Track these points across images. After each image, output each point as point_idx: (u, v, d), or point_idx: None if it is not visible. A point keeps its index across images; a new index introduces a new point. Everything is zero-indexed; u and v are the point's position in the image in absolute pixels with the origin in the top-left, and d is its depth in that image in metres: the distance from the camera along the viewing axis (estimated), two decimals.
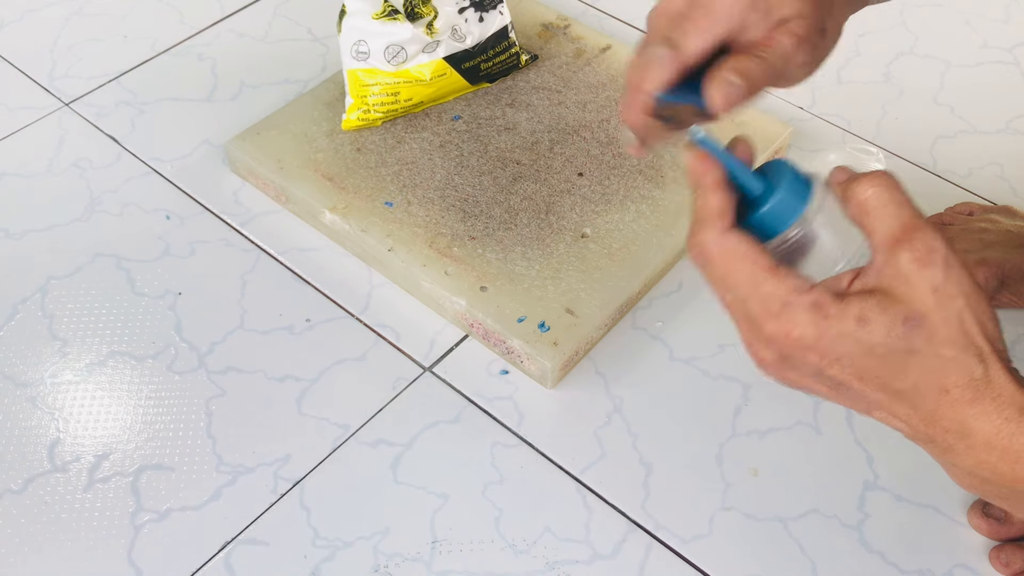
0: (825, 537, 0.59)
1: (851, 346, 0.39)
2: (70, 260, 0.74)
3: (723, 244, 0.41)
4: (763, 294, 0.40)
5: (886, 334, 0.38)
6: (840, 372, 0.40)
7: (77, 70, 0.89)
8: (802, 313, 0.39)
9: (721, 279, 0.42)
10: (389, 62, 0.76)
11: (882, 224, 0.39)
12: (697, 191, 0.42)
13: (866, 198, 0.40)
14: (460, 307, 0.68)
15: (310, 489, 0.61)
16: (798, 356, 0.40)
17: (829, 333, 0.39)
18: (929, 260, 0.38)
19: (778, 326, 0.39)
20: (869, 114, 0.85)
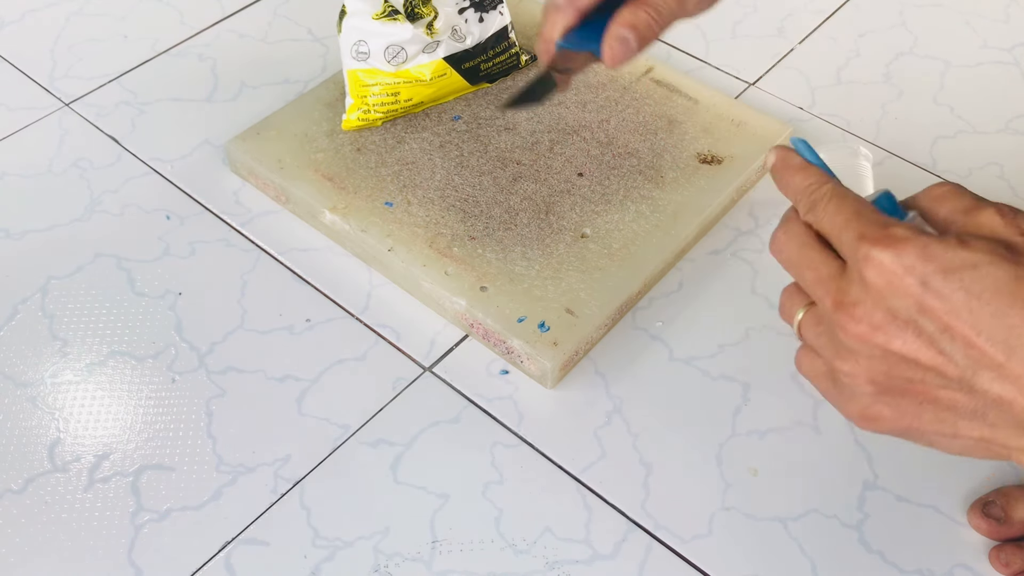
0: (825, 537, 0.59)
1: (956, 262, 0.36)
2: (70, 260, 0.74)
3: (837, 189, 0.41)
4: (866, 220, 0.39)
5: (991, 251, 0.36)
6: (944, 303, 0.36)
7: (77, 70, 0.89)
8: (903, 230, 0.37)
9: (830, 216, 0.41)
10: (389, 62, 0.76)
11: (959, 201, 0.40)
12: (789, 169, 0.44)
13: (942, 192, 0.41)
14: (460, 307, 0.68)
15: (310, 489, 0.61)
16: (897, 283, 0.37)
17: (931, 249, 0.36)
18: (1013, 215, 0.38)
19: (875, 241, 0.37)
20: (869, 114, 0.85)
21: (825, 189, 0.41)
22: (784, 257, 0.43)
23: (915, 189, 0.43)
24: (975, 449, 0.40)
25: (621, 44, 0.48)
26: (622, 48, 0.48)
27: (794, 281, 0.43)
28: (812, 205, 0.42)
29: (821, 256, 0.41)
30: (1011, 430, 0.38)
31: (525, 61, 0.83)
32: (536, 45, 0.53)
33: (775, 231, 0.44)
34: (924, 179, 0.80)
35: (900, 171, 0.81)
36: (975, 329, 0.36)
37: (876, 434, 0.64)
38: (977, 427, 0.39)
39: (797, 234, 0.42)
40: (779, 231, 0.43)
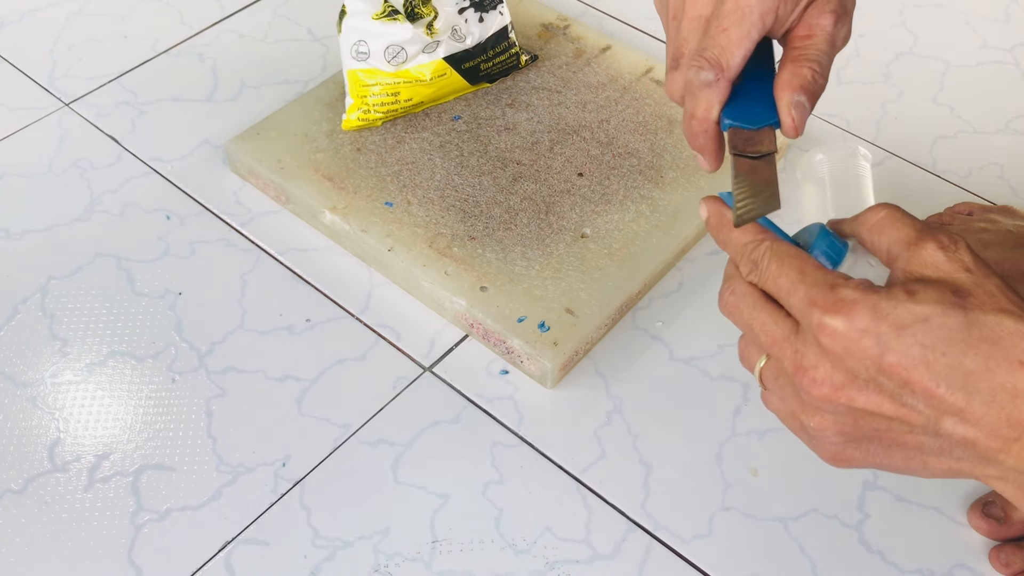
0: (825, 537, 0.59)
1: (907, 318, 0.36)
2: (70, 260, 0.74)
3: (776, 247, 0.41)
4: (811, 282, 0.39)
5: (939, 301, 0.36)
6: (902, 357, 0.36)
7: (77, 70, 0.89)
8: (851, 291, 0.37)
9: (773, 278, 0.41)
10: (389, 62, 0.76)
11: (898, 232, 0.39)
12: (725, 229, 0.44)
13: (878, 219, 0.40)
14: (460, 307, 0.68)
15: (310, 489, 0.61)
16: (854, 347, 0.37)
17: (881, 307, 0.37)
18: (955, 247, 0.38)
19: (827, 307, 0.37)
20: (869, 114, 0.85)
21: (764, 248, 0.41)
22: (736, 319, 0.43)
23: (915, 189, 0.43)
24: (946, 475, 0.41)
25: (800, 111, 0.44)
26: (802, 115, 0.44)
27: None
28: (753, 265, 0.42)
29: (772, 318, 0.41)
30: (976, 462, 0.39)
31: (525, 61, 0.83)
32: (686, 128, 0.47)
33: (721, 290, 0.44)
34: (924, 179, 0.80)
35: (900, 171, 0.81)
36: (934, 381, 0.37)
37: None
38: (945, 461, 0.40)
39: (743, 295, 0.43)
40: (725, 291, 0.44)
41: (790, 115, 0.44)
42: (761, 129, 0.45)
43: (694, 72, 0.44)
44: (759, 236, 0.42)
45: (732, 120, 0.45)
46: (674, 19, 0.47)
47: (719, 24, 0.44)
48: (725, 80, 0.44)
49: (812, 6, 0.45)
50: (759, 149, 0.45)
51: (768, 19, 0.44)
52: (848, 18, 0.46)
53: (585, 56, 0.84)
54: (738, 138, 0.45)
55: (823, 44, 0.45)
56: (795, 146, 0.82)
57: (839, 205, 0.71)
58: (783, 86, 0.44)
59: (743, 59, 0.44)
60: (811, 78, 0.44)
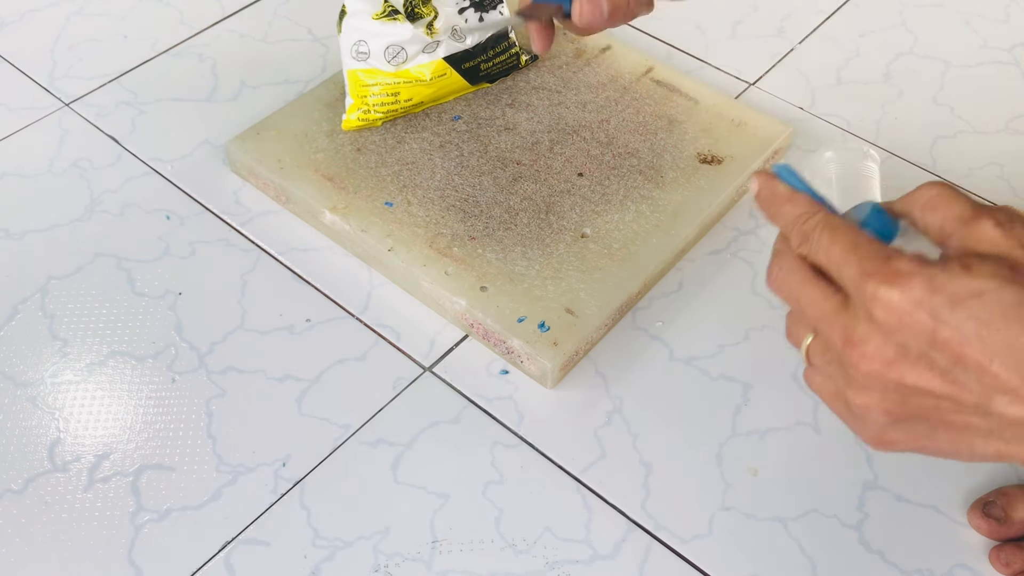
0: (825, 537, 0.59)
1: (963, 292, 0.35)
2: (70, 260, 0.74)
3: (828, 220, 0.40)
4: (864, 254, 0.38)
5: (995, 275, 0.35)
6: (956, 333, 0.35)
7: (77, 70, 0.89)
8: (907, 263, 0.37)
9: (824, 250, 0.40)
10: (389, 62, 0.76)
11: (952, 210, 0.38)
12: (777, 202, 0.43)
13: (931, 196, 0.39)
14: (460, 307, 0.68)
15: (310, 489, 0.61)
16: (908, 320, 0.36)
17: (937, 280, 0.36)
18: (1011, 224, 0.37)
19: (880, 279, 0.37)
20: (869, 114, 0.85)
21: (816, 220, 0.41)
22: (784, 294, 0.42)
23: None
24: (993, 459, 0.40)
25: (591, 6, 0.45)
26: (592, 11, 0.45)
27: None
28: (804, 237, 0.41)
29: (822, 292, 0.40)
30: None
31: (525, 61, 0.83)
32: None
33: (769, 266, 0.43)
34: (924, 179, 0.80)
35: (900, 171, 0.81)
36: (988, 357, 0.36)
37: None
38: (993, 444, 0.39)
39: (792, 269, 0.42)
40: (773, 266, 0.43)
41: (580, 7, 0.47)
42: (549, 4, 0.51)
43: None
44: (812, 208, 0.41)
45: None
46: None
47: None
48: None
49: None
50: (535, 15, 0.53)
51: None
52: None
53: (585, 56, 0.84)
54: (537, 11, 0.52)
55: None
56: (799, 147, 0.82)
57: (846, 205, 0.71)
58: None
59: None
60: None
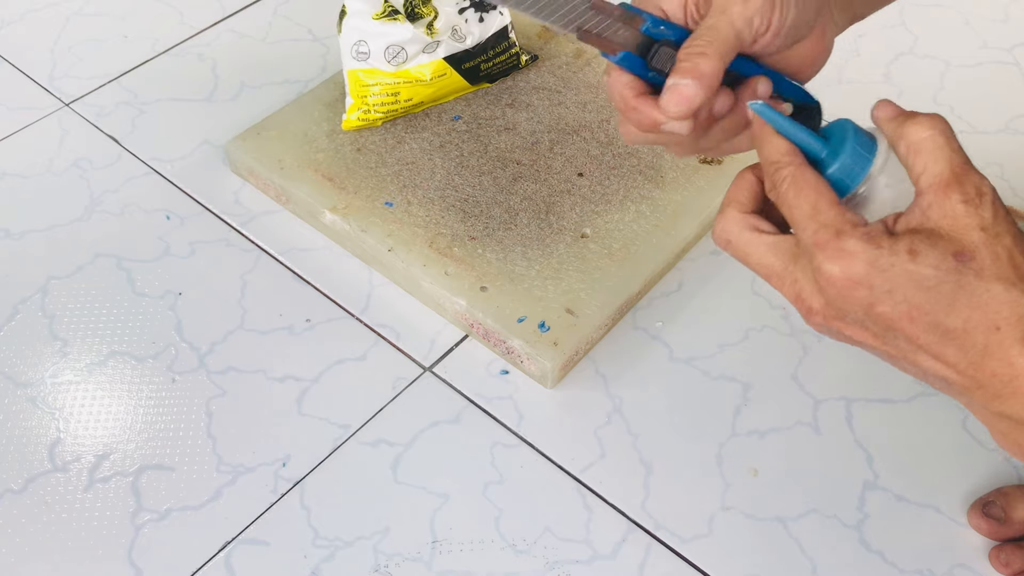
0: (825, 537, 0.59)
1: (902, 278, 0.38)
2: (70, 260, 0.74)
3: (798, 174, 0.42)
4: (821, 221, 0.40)
5: (936, 266, 0.38)
6: (890, 309, 0.39)
7: (77, 70, 0.89)
8: (855, 242, 0.39)
9: (787, 204, 0.42)
10: (389, 62, 0.76)
11: (934, 165, 0.40)
12: (763, 137, 0.44)
13: (920, 139, 0.40)
14: (460, 307, 0.68)
15: (310, 489, 0.61)
16: (847, 294, 0.39)
17: (880, 263, 0.38)
18: (979, 201, 0.39)
19: (828, 255, 0.39)
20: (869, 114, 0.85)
21: (785, 173, 0.42)
22: (730, 251, 0.44)
23: None
24: None
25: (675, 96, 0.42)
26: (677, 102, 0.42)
27: None
28: (773, 185, 0.43)
29: (769, 250, 0.43)
30: (952, 393, 0.42)
31: (525, 61, 0.83)
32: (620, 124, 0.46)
33: (715, 220, 0.45)
34: None
35: None
36: (914, 330, 0.39)
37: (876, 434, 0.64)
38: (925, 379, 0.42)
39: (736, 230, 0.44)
40: (717, 222, 0.45)
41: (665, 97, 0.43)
42: None
43: None
44: (787, 157, 0.43)
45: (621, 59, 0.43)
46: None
47: None
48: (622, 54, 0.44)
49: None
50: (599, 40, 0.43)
51: None
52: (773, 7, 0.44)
53: (585, 56, 0.84)
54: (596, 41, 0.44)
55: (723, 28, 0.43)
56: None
57: None
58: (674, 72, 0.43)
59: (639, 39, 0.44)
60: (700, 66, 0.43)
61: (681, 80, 0.42)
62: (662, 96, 0.43)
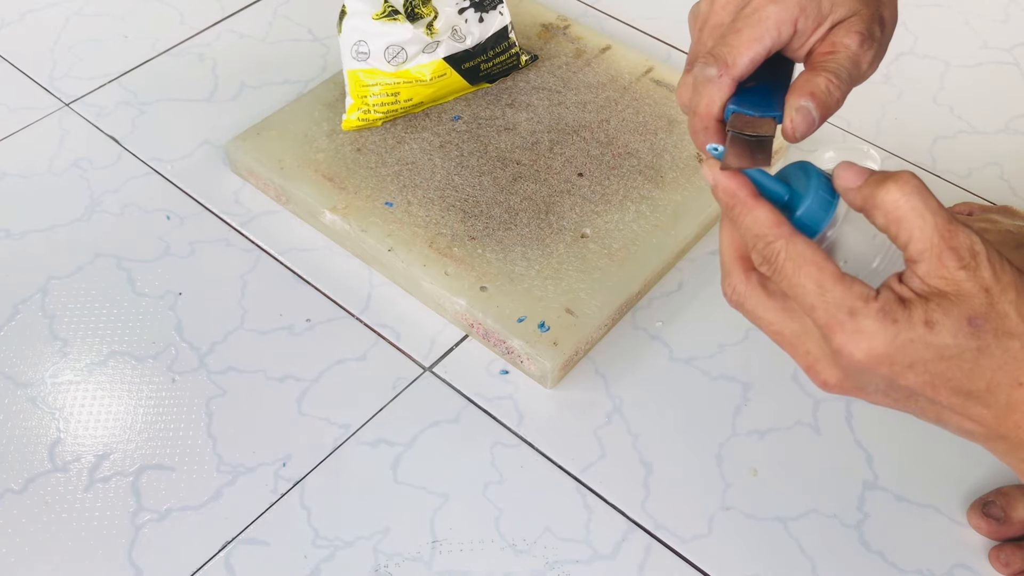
0: (825, 537, 0.59)
1: (922, 351, 0.38)
2: (70, 260, 0.74)
3: (791, 249, 0.40)
4: (830, 301, 0.39)
5: (955, 334, 0.38)
6: (913, 380, 0.39)
7: (77, 70, 0.89)
8: (871, 321, 0.38)
9: (787, 281, 0.40)
10: (389, 62, 0.76)
11: (921, 233, 0.38)
12: (737, 208, 0.42)
13: (898, 207, 0.39)
14: (460, 307, 0.68)
15: (310, 489, 0.61)
16: (868, 370, 0.39)
17: (899, 339, 0.38)
18: (975, 263, 0.38)
19: (846, 338, 0.38)
20: (869, 114, 0.85)
21: (778, 247, 0.40)
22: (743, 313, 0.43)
23: None
24: None
25: (803, 116, 0.43)
26: (804, 120, 0.43)
27: None
28: (766, 260, 0.41)
29: (778, 317, 0.42)
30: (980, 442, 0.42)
31: (525, 61, 0.83)
32: (690, 126, 0.46)
33: (722, 285, 0.44)
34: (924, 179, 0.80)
35: None
36: (939, 395, 0.39)
37: (876, 434, 0.64)
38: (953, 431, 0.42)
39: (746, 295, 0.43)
40: (726, 288, 0.43)
41: (791, 117, 0.43)
42: (762, 117, 0.44)
43: (700, 68, 0.44)
44: (775, 230, 0.41)
45: (735, 107, 0.44)
46: (699, 29, 0.47)
47: (734, 26, 0.44)
48: (729, 77, 0.44)
49: (838, 27, 0.44)
50: (758, 132, 0.43)
51: (785, 29, 0.44)
52: (875, 44, 0.45)
53: (585, 56, 0.84)
54: (738, 122, 0.44)
55: (844, 60, 0.44)
56: (800, 147, 0.82)
57: None
58: (795, 90, 0.44)
59: (751, 61, 0.44)
60: (824, 87, 0.43)
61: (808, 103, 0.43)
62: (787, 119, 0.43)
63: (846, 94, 0.44)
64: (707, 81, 0.44)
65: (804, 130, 0.43)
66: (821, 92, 0.43)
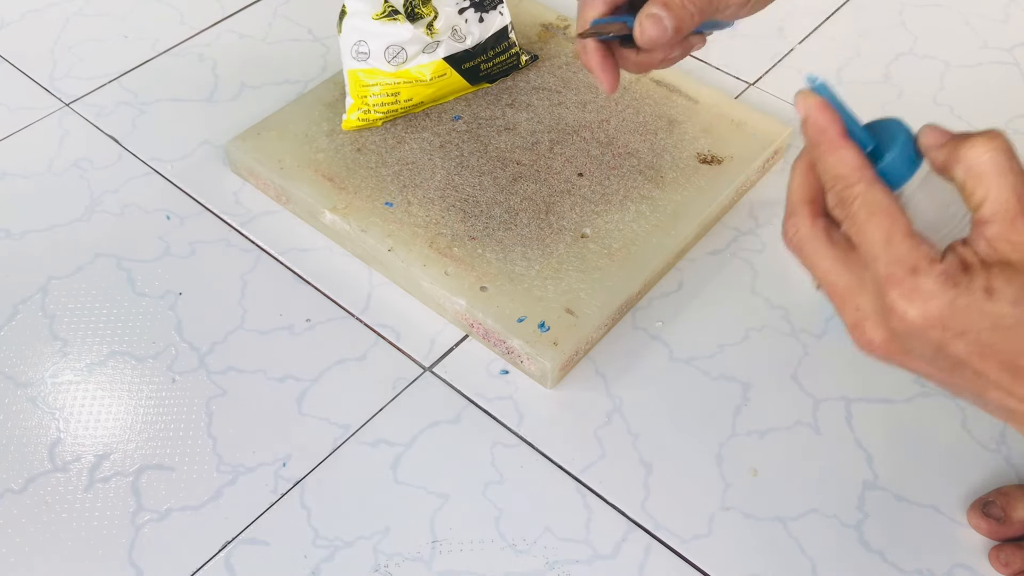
0: (825, 537, 0.59)
1: (977, 319, 0.37)
2: (70, 260, 0.74)
3: (870, 195, 0.39)
4: (895, 254, 0.38)
5: (1014, 304, 0.36)
6: (963, 349, 0.37)
7: (77, 70, 0.89)
8: (931, 281, 0.37)
9: (858, 228, 0.39)
10: (389, 62, 0.76)
11: (999, 192, 0.37)
12: (824, 146, 0.41)
13: (981, 162, 0.38)
14: (460, 307, 0.68)
15: (310, 489, 0.61)
16: (918, 333, 0.38)
17: (956, 304, 0.37)
18: None
19: (903, 294, 0.37)
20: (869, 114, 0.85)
21: (858, 191, 0.39)
22: (799, 257, 0.42)
23: None
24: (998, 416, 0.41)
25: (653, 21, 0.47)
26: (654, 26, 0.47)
27: None
28: (841, 203, 0.40)
29: (835, 267, 0.41)
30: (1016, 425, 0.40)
31: (525, 61, 0.83)
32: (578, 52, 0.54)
33: (785, 224, 0.42)
34: None
35: None
36: (987, 367, 0.38)
37: (876, 434, 0.64)
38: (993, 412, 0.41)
39: (807, 238, 0.41)
40: (788, 227, 0.42)
41: (641, 22, 0.47)
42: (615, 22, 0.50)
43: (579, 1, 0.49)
44: (858, 173, 0.40)
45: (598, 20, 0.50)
46: None
47: None
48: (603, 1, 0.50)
49: None
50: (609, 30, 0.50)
51: None
52: None
53: None
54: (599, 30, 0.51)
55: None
56: (799, 147, 0.82)
57: None
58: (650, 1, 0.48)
59: None
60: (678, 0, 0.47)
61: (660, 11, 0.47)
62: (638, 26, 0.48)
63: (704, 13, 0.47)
64: (584, 5, 0.50)
65: (653, 35, 0.47)
66: (675, 3, 0.47)
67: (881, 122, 0.43)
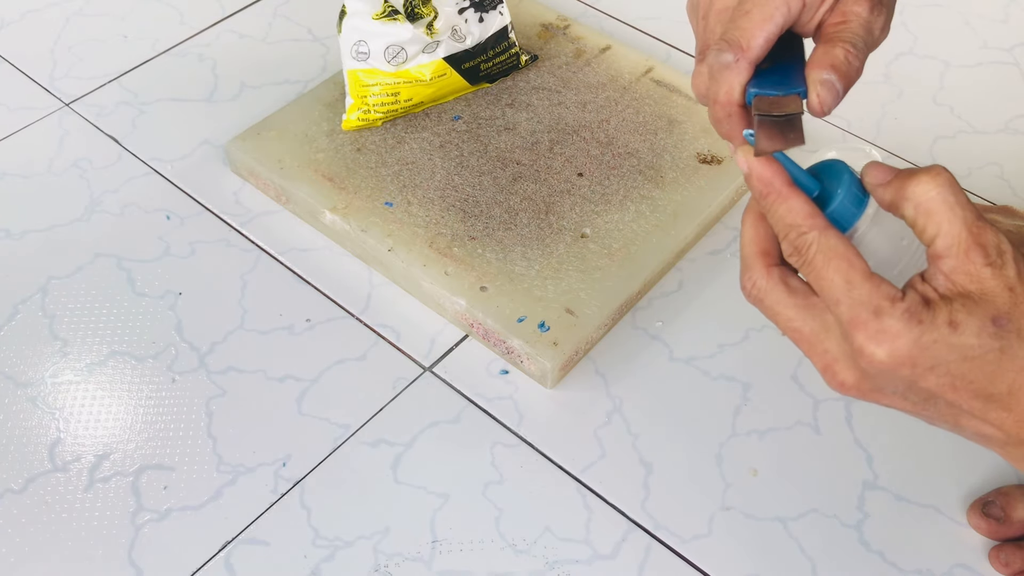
0: (825, 537, 0.59)
1: (945, 352, 0.37)
2: (70, 260, 0.74)
3: (824, 241, 0.39)
4: (856, 298, 0.38)
5: (978, 335, 0.37)
6: (934, 382, 0.38)
7: (77, 70, 0.89)
8: (895, 321, 0.37)
9: (816, 274, 0.39)
10: (389, 62, 0.76)
11: (950, 227, 0.38)
12: (771, 197, 0.41)
13: (930, 199, 0.39)
14: (460, 307, 0.68)
15: (310, 489, 0.61)
16: (889, 372, 0.38)
17: (923, 340, 0.37)
18: (1001, 261, 0.38)
19: (869, 336, 0.38)
20: (869, 114, 0.85)
21: (810, 239, 0.40)
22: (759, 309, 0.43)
23: None
24: None
25: (827, 88, 0.42)
26: (829, 93, 0.42)
27: None
28: (796, 251, 0.41)
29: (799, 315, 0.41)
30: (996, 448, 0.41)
31: (525, 61, 0.83)
32: (711, 116, 0.45)
33: (741, 279, 0.43)
34: None
35: None
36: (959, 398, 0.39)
37: (876, 434, 0.64)
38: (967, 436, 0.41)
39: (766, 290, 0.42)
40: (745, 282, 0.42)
41: (816, 91, 0.42)
42: (787, 95, 0.43)
43: (714, 55, 0.43)
44: (809, 220, 0.40)
45: (757, 89, 0.43)
46: (703, 17, 0.46)
47: (742, 8, 0.43)
48: (745, 61, 0.43)
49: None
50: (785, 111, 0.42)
51: (794, 5, 0.43)
52: (884, 8, 0.44)
53: (585, 56, 0.84)
54: (764, 104, 0.43)
55: (858, 28, 0.43)
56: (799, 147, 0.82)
57: None
58: (814, 64, 0.43)
59: (765, 41, 0.43)
60: (843, 58, 0.42)
61: None
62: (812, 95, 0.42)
63: (864, 62, 0.43)
64: (724, 67, 0.43)
65: (831, 103, 0.42)
66: (841, 63, 0.42)
67: (823, 164, 0.43)
